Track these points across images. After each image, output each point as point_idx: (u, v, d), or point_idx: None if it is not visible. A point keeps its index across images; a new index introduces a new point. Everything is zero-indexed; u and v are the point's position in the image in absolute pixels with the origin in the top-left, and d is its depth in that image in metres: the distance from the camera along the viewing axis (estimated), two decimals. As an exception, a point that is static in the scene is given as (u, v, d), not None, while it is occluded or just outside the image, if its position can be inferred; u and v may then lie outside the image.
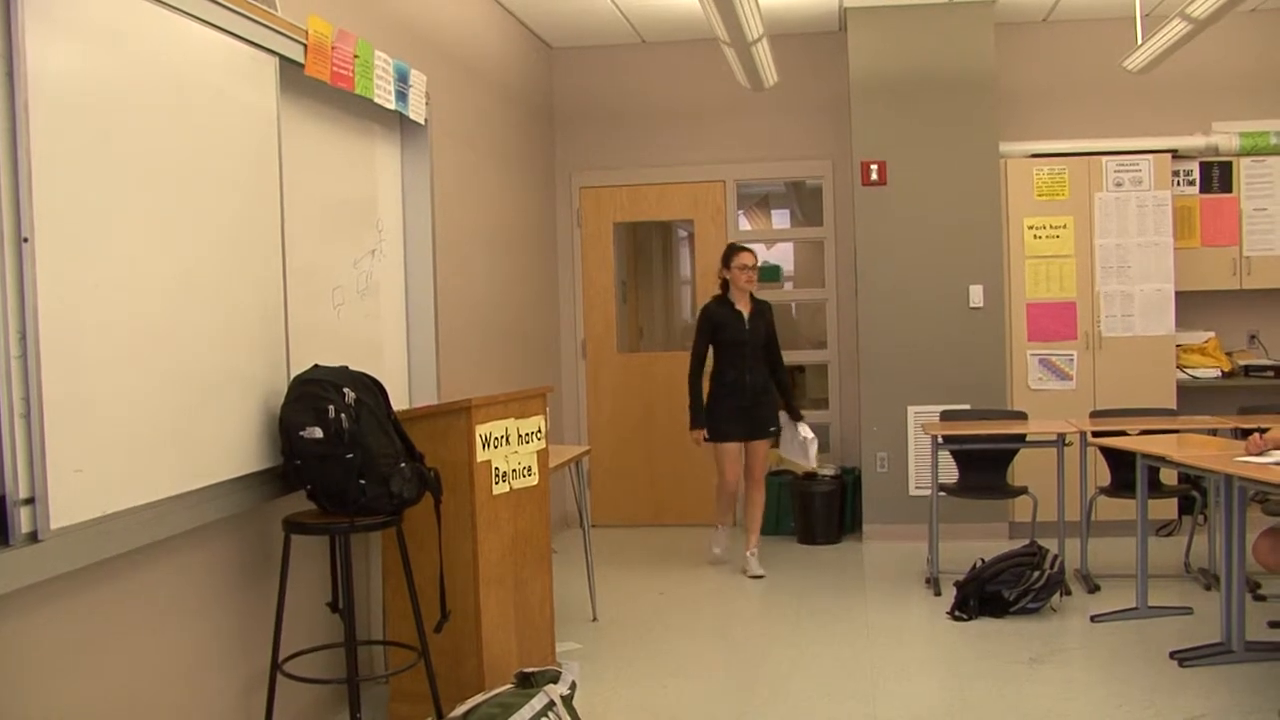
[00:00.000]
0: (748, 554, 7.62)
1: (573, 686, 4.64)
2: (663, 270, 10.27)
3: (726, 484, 7.65)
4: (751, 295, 7.64)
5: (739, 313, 7.57)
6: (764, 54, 7.11)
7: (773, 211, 10.25)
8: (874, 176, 8.42)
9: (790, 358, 8.14)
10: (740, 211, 9.43)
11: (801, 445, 7.69)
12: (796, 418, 7.76)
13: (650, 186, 9.27)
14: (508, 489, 5.09)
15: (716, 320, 7.59)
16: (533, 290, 8.54)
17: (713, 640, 6.32)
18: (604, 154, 9.27)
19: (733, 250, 7.63)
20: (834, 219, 9.13)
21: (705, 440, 7.62)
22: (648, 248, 10.12)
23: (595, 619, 6.57)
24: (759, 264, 7.77)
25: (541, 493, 5.39)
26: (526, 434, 5.25)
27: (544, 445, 5.41)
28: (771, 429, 7.67)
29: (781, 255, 9.81)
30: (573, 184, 9.29)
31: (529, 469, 5.26)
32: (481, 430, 4.92)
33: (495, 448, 5.02)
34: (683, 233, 9.73)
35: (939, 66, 8.39)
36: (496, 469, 5.02)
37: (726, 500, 7.79)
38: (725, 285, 7.65)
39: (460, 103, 6.94)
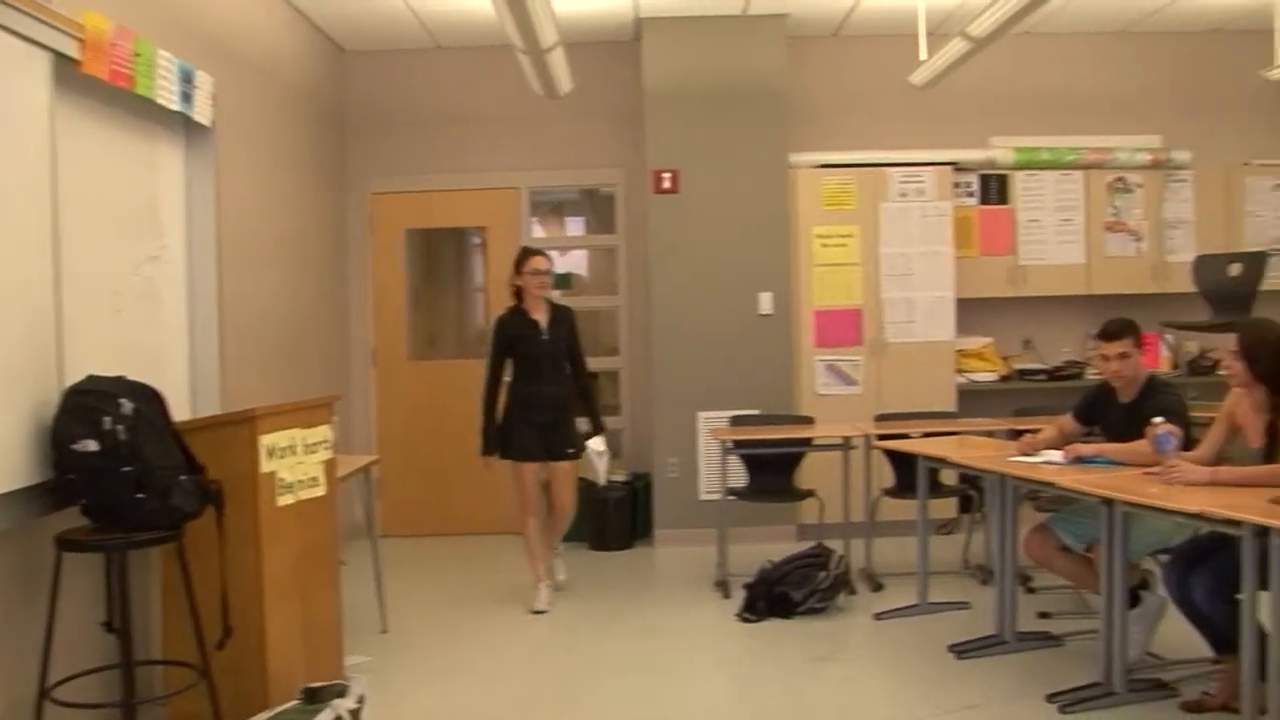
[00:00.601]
0: (552, 559, 7.28)
1: (361, 700, 4.58)
2: (455, 278, 10.20)
3: (525, 510, 6.99)
4: (550, 302, 7.05)
5: (535, 322, 6.94)
6: (559, 61, 7.14)
7: (566, 219, 10.27)
8: (666, 185, 8.52)
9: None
10: (534, 219, 9.43)
11: (593, 460, 7.21)
12: (597, 431, 7.19)
13: (443, 193, 9.19)
14: (293, 500, 4.99)
15: (511, 332, 6.94)
16: (322, 297, 8.39)
17: (504, 648, 6.29)
18: (397, 160, 9.16)
19: (525, 254, 7.07)
20: (626, 226, 9.20)
21: (502, 457, 6.93)
22: (440, 255, 10.04)
23: (385, 630, 6.48)
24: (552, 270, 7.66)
25: (328, 503, 5.29)
26: (313, 444, 5.16)
27: (331, 455, 5.32)
28: (570, 450, 7.01)
29: (575, 263, 9.83)
30: (364, 190, 9.16)
31: (315, 479, 5.17)
32: (266, 441, 4.81)
33: (280, 458, 4.91)
34: (476, 240, 9.68)
35: (732, 77, 8.54)
36: (281, 480, 4.92)
37: (536, 538, 7.01)
38: (519, 294, 7.01)
39: (249, 105, 6.78)
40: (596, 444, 7.18)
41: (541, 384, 6.92)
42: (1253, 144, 9.30)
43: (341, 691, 4.52)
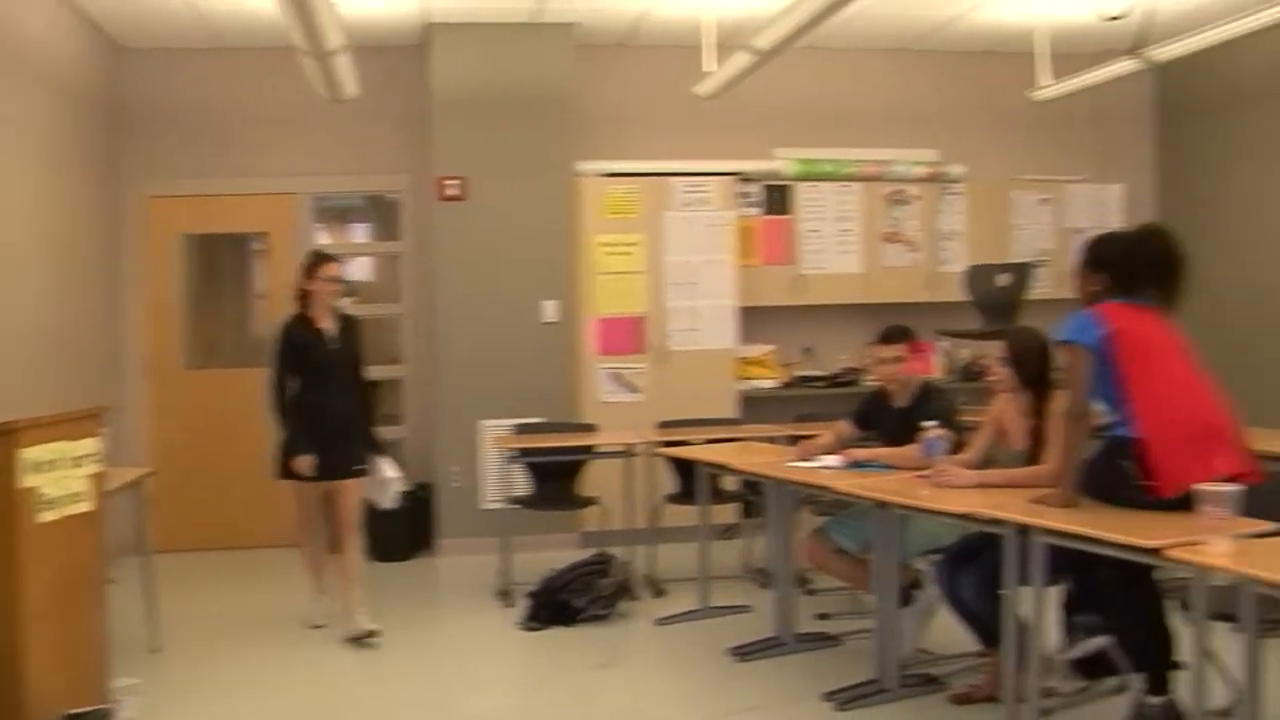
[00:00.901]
0: (353, 611, 6.41)
1: (128, 723, 4.39)
2: (235, 285, 9.89)
3: (304, 534, 6.62)
4: (337, 310, 6.62)
5: (322, 330, 6.49)
6: (343, 65, 6.98)
7: (351, 225, 10.07)
8: (452, 192, 8.43)
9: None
10: (318, 225, 9.22)
11: (381, 484, 6.72)
12: (378, 452, 6.73)
13: (223, 198, 8.90)
14: (57, 516, 4.74)
15: (297, 341, 6.43)
16: (93, 304, 8.05)
17: (284, 664, 6.09)
18: (175, 162, 8.82)
19: (318, 259, 6.59)
20: (412, 234, 9.06)
21: (282, 477, 6.47)
22: (219, 261, 9.72)
23: (158, 650, 6.22)
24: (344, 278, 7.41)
25: (95, 519, 5.04)
26: (79, 457, 4.91)
27: (100, 469, 5.08)
28: (360, 466, 6.56)
29: (359, 270, 9.64)
30: (140, 192, 8.80)
31: (80, 494, 4.92)
32: (26, 454, 4.55)
33: (43, 473, 4.66)
34: (257, 246, 9.41)
35: (520, 85, 8.50)
36: (44, 495, 4.66)
37: (313, 555, 6.68)
38: (305, 300, 6.50)
39: (10, 101, 6.46)
40: (388, 466, 6.77)
41: (329, 396, 6.42)
42: (1020, 160, 9.68)
43: (105, 715, 4.33)
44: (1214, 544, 3.62)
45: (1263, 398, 7.75)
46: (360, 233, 9.92)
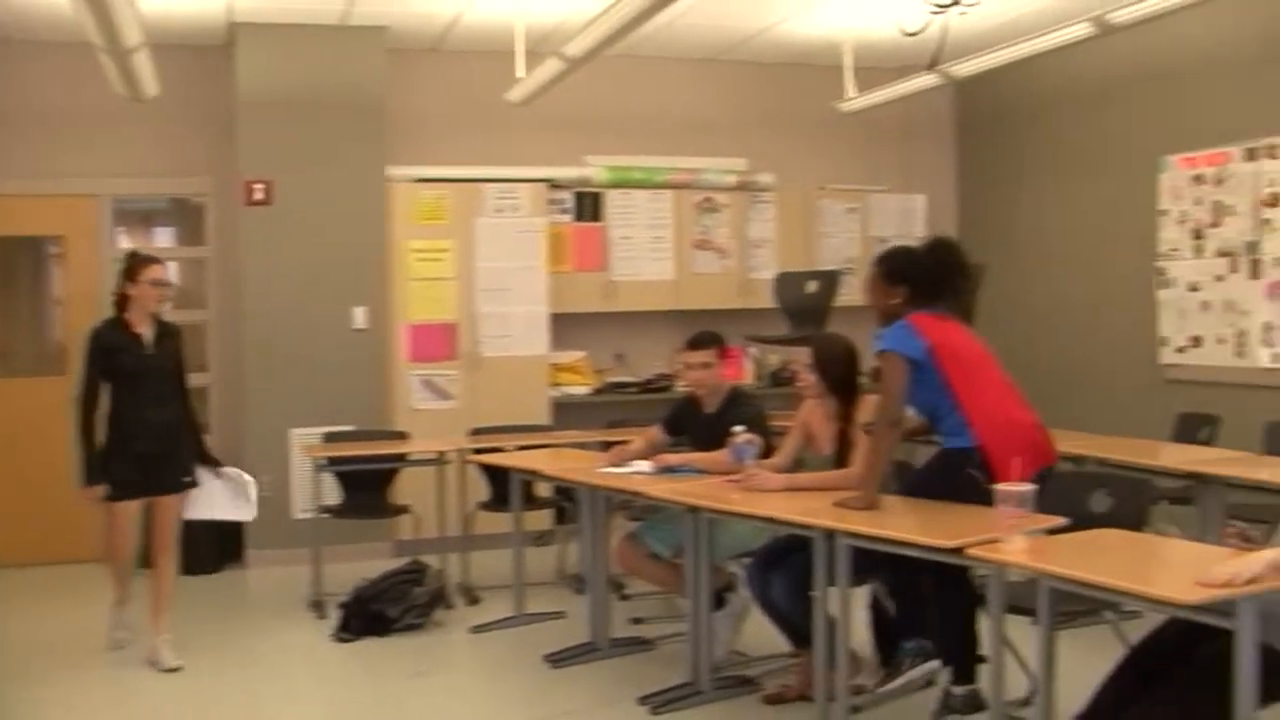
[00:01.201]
0: (157, 641, 6.02)
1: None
2: (30, 290, 9.51)
3: (116, 552, 6.16)
4: (155, 316, 6.14)
5: (138, 335, 6.04)
6: (143, 64, 6.78)
7: (154, 229, 9.78)
8: (259, 196, 8.25)
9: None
10: (119, 229, 8.93)
11: (234, 490, 6.31)
12: (213, 464, 6.34)
13: (14, 198, 8.53)
14: None
15: (109, 345, 5.98)
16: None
17: (92, 683, 5.86)
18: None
19: (141, 261, 6.13)
20: (217, 238, 8.84)
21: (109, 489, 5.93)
22: (12, 266, 9.34)
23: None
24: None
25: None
26: None
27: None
28: (185, 479, 6.15)
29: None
30: (-80, 193, 8.41)
31: None
32: None
33: None
34: (53, 250, 9.06)
35: (329, 88, 8.36)
36: None
37: (121, 570, 6.23)
38: (122, 304, 6.08)
39: None
40: (234, 471, 6.39)
41: (146, 407, 5.97)
42: (828, 169, 9.91)
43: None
44: (1011, 541, 3.76)
45: (1056, 400, 8.09)
46: (163, 237, 9.64)
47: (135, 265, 6.10)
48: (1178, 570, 3.68)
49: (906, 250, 4.86)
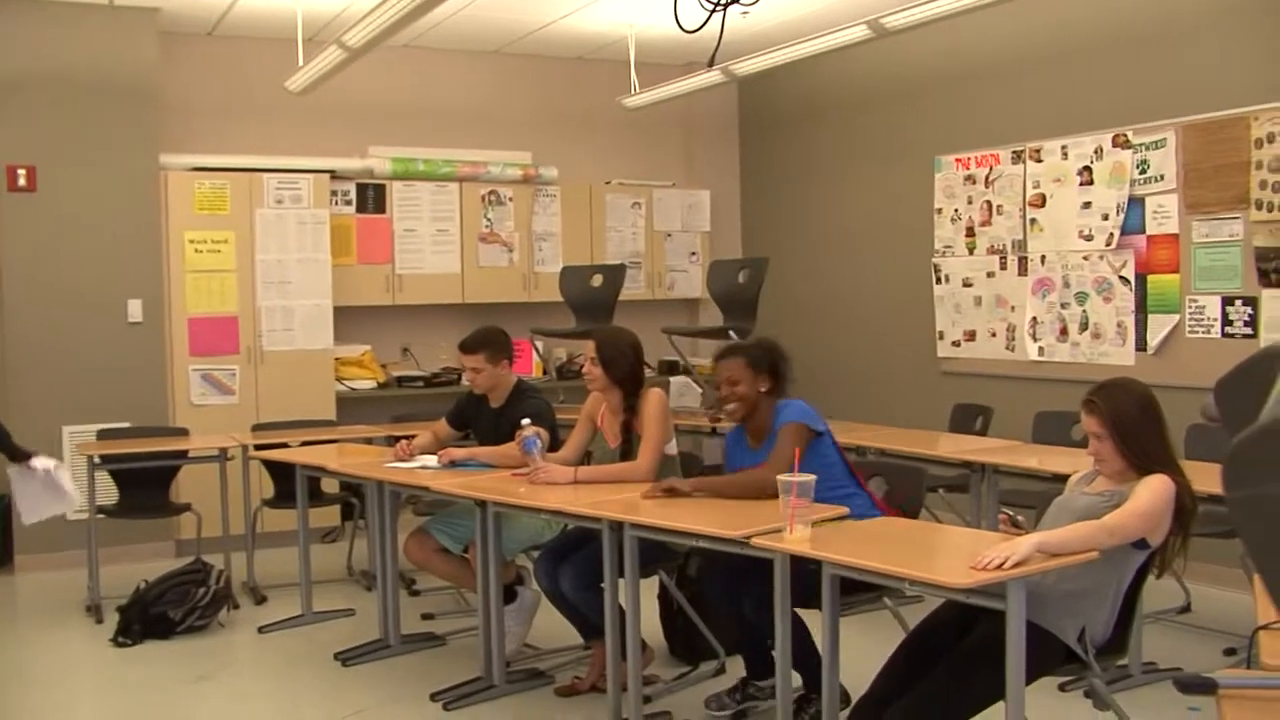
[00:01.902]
0: None
1: None
2: None
3: None
4: None
5: None
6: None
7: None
8: (21, 182, 7.92)
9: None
10: None
11: (46, 482, 5.93)
12: (23, 458, 5.89)
13: None
14: None
15: None
16: None
17: None
18: None
19: None
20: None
21: None
22: None
23: None
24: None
25: None
26: None
27: None
28: None
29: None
30: None
31: None
32: None
33: None
34: None
35: (97, 70, 8.04)
36: None
37: None
38: None
39: None
40: (43, 461, 5.94)
41: None
42: (613, 164, 10.03)
43: None
44: (794, 530, 3.89)
45: (839, 394, 8.36)
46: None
47: None
48: (953, 555, 3.87)
49: (769, 342, 4.94)
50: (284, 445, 7.03)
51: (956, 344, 8.33)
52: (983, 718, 3.59)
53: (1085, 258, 7.38)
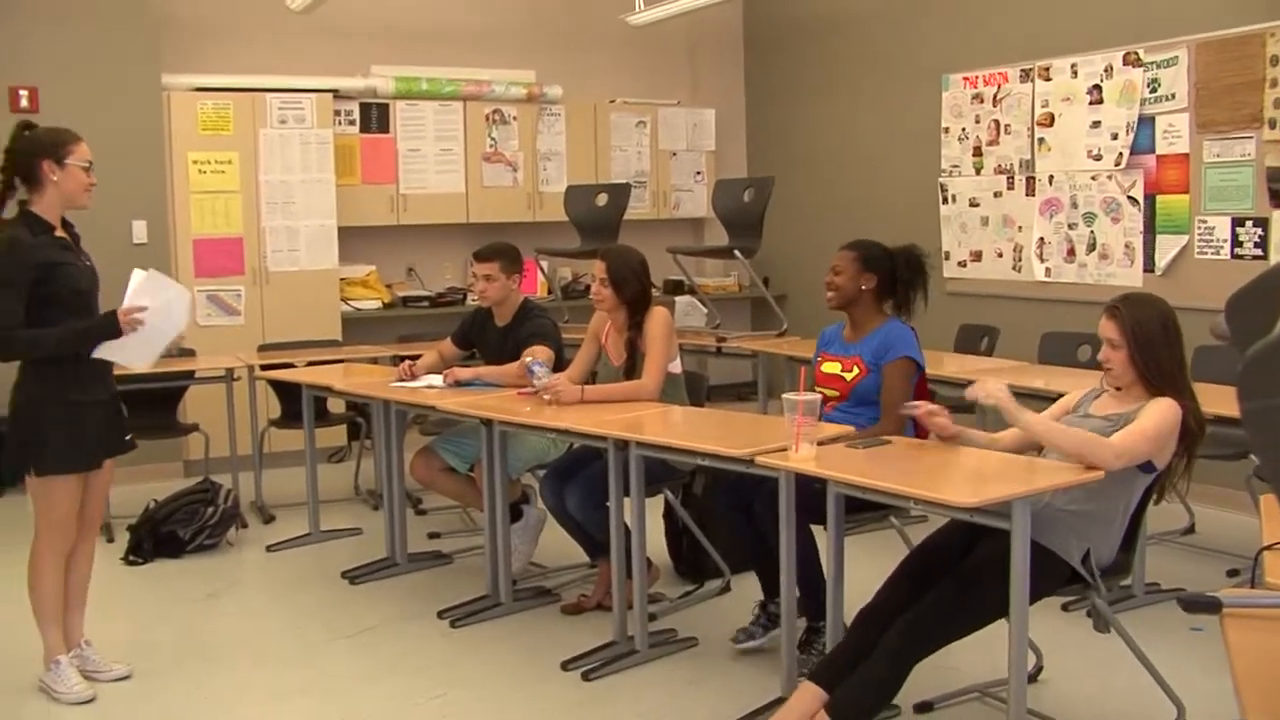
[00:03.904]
0: (87, 648, 4.74)
1: None
2: None
3: (62, 544, 4.49)
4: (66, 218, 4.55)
5: (69, 242, 4.51)
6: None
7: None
8: (24, 103, 7.86)
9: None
10: None
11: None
12: (110, 320, 4.47)
13: None
14: None
15: (44, 257, 4.31)
16: None
17: None
18: None
19: (61, 138, 4.44)
20: (-19, 148, 8.41)
21: (46, 472, 4.35)
22: None
23: None
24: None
25: None
26: None
27: None
28: (129, 437, 4.75)
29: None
30: None
31: None
32: None
33: None
34: None
35: (96, -10, 7.99)
36: None
37: (59, 577, 4.56)
38: (33, 195, 4.39)
39: None
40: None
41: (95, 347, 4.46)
42: (617, 83, 9.95)
43: None
44: (800, 449, 3.90)
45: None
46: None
47: (56, 140, 4.44)
48: (959, 475, 3.87)
49: (884, 246, 4.88)
50: (290, 365, 7.04)
51: (963, 264, 8.31)
52: (985, 634, 3.62)
53: (1094, 178, 7.33)
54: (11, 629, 5.03)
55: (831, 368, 4.75)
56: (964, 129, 8.22)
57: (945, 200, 8.39)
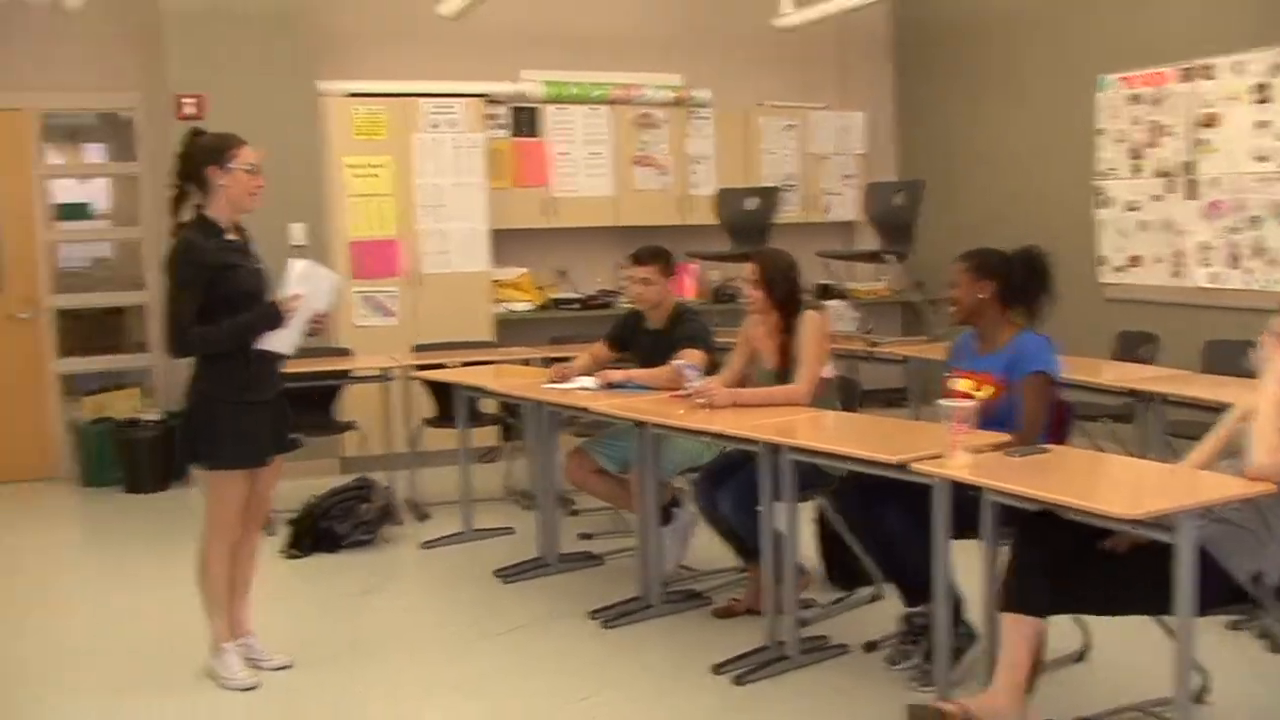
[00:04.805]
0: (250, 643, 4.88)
1: None
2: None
3: (229, 536, 4.65)
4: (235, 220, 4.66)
5: (240, 244, 4.63)
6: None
7: (85, 145, 9.62)
8: (190, 110, 8.11)
9: (108, 299, 7.56)
10: (47, 145, 8.77)
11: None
12: (273, 309, 4.55)
13: (-61, 114, 8.37)
14: None
15: (218, 260, 4.47)
16: None
17: (30, 604, 5.86)
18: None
19: (224, 143, 4.58)
20: (149, 154, 8.70)
21: (219, 466, 4.53)
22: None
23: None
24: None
25: None
26: None
27: None
28: (295, 436, 4.90)
29: (94, 192, 9.23)
30: None
31: None
32: None
33: None
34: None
35: (260, 1, 8.20)
36: None
37: (225, 570, 4.70)
38: (195, 207, 4.55)
39: None
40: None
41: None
42: (766, 86, 9.93)
43: None
44: (955, 456, 3.84)
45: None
46: (94, 153, 9.49)
47: (220, 145, 4.58)
48: (1118, 486, 3.78)
49: (996, 250, 4.78)
50: (443, 366, 7.16)
51: (1120, 269, 8.12)
52: (1140, 647, 3.53)
53: (1260, 180, 7.11)
54: (180, 616, 5.19)
55: (964, 384, 4.56)
56: (1120, 131, 8.03)
57: (1101, 204, 8.21)
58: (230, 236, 4.58)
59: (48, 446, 8.57)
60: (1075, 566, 3.60)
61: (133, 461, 8.14)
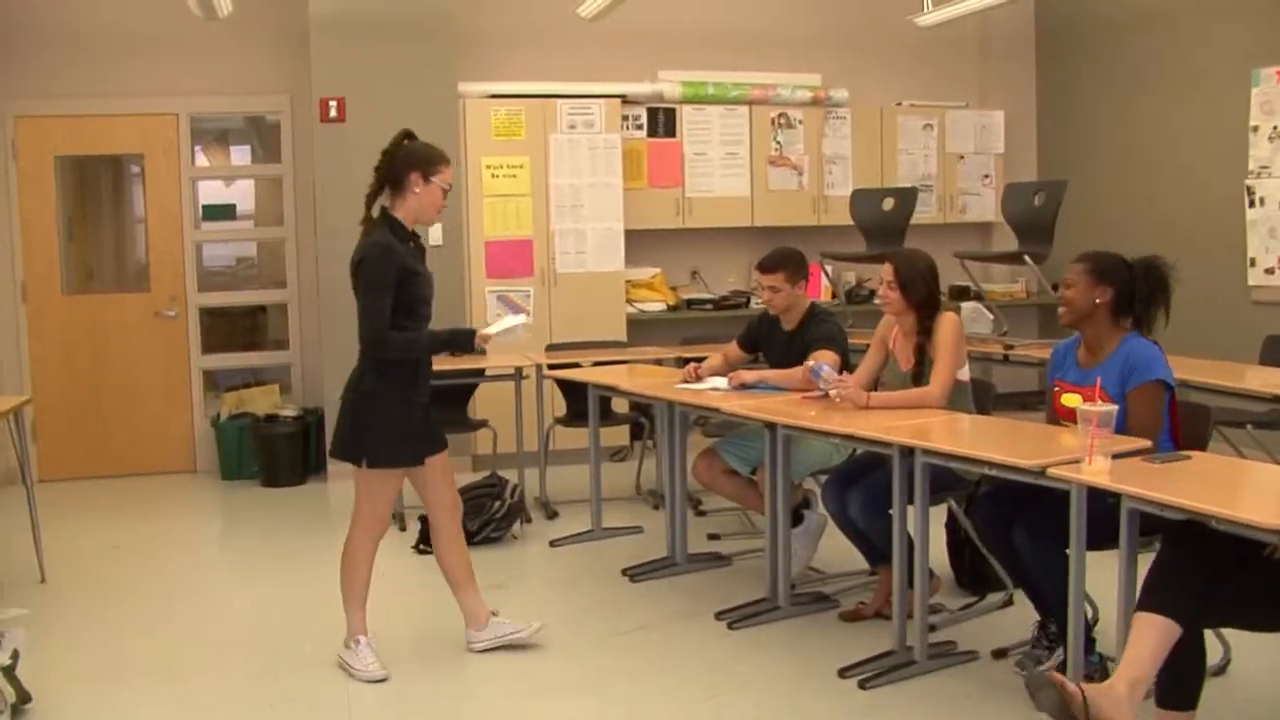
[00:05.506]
0: (496, 622, 5.09)
1: (15, 655, 4.33)
2: (113, 208, 9.66)
3: (377, 530, 4.88)
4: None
5: (423, 251, 4.94)
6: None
7: (231, 147, 9.87)
8: (333, 113, 8.27)
9: (250, 297, 7.79)
10: (197, 147, 9.03)
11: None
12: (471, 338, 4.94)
13: (97, 118, 8.64)
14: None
15: (405, 264, 4.67)
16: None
17: (172, 593, 6.05)
18: (44, 81, 8.52)
19: (433, 155, 4.82)
20: (293, 156, 8.91)
21: (377, 464, 4.72)
22: (96, 184, 9.49)
23: (44, 580, 6.11)
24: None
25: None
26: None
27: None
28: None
29: (239, 193, 9.46)
30: (7, 113, 8.52)
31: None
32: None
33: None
34: (134, 169, 9.18)
35: (401, 4, 8.33)
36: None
37: (366, 569, 4.88)
38: (398, 209, 4.77)
39: None
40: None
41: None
42: (903, 86, 9.81)
43: (-8, 646, 4.26)
44: (1093, 462, 3.75)
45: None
46: (240, 155, 9.74)
47: (423, 157, 4.78)
48: (1262, 493, 3.66)
49: (1116, 255, 4.66)
50: (576, 365, 7.20)
51: (1270, 271, 7.85)
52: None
53: None
54: (313, 607, 5.29)
55: (1071, 400, 4.40)
56: (1275, 126, 7.77)
57: (1252, 203, 7.95)
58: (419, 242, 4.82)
59: (190, 440, 8.83)
60: (1223, 576, 3.48)
61: (271, 456, 8.33)
